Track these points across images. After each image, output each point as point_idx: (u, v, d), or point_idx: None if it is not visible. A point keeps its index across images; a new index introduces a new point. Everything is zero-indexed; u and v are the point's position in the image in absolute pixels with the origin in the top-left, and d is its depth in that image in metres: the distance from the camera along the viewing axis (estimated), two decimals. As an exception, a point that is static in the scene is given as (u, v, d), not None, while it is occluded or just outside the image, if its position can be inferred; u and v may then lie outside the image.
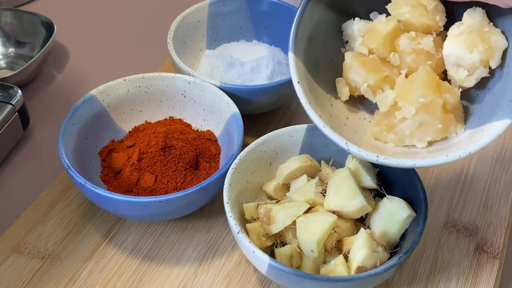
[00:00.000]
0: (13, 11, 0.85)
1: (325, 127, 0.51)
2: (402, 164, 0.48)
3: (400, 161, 0.48)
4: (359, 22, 0.55)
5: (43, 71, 0.84)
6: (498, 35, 0.49)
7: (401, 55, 0.52)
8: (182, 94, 0.69)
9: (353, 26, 0.55)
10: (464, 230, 0.64)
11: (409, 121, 0.50)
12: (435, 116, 0.49)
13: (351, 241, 0.54)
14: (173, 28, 0.74)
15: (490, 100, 0.51)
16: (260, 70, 0.73)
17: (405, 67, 0.52)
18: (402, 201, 0.56)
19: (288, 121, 0.75)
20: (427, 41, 0.51)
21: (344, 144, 0.50)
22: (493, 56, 0.49)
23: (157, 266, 0.60)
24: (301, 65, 0.53)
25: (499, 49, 0.49)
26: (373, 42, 0.53)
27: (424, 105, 0.49)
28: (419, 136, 0.51)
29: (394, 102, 0.51)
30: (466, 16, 0.50)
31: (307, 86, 0.53)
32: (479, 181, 0.68)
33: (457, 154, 0.47)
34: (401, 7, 0.52)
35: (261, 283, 0.59)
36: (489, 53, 0.48)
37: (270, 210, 0.55)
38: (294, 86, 0.52)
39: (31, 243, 0.61)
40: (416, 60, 0.51)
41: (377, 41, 0.52)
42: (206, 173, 0.63)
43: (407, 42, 0.51)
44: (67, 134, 0.62)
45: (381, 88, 0.53)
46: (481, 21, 0.49)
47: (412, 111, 0.49)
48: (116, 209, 0.58)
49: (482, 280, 0.59)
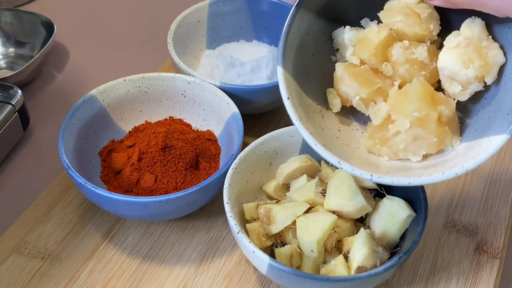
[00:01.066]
0: (13, 11, 0.85)
1: (317, 145, 0.48)
2: (397, 183, 0.46)
3: (395, 179, 0.46)
4: (350, 31, 0.52)
5: (43, 71, 0.84)
6: (496, 50, 0.47)
7: (394, 65, 0.50)
8: (182, 94, 0.69)
9: (344, 35, 0.53)
10: (464, 230, 0.64)
11: (403, 135, 0.48)
12: (430, 130, 0.47)
13: (351, 241, 0.54)
14: (173, 28, 0.74)
15: (487, 111, 0.49)
16: (260, 70, 0.73)
17: (398, 78, 0.50)
18: (402, 201, 0.56)
19: (288, 121, 0.75)
20: (421, 51, 0.49)
21: (337, 162, 0.48)
22: (489, 73, 0.47)
23: (157, 266, 0.60)
24: (290, 79, 0.51)
25: (496, 66, 0.47)
26: (364, 52, 0.51)
27: (419, 119, 0.47)
28: (414, 150, 0.49)
29: (388, 115, 0.49)
30: (465, 28, 0.48)
31: (298, 100, 0.51)
32: (479, 181, 0.68)
33: (454, 172, 0.45)
34: (394, 15, 0.50)
35: (261, 283, 0.59)
36: (485, 70, 0.47)
37: (270, 210, 0.55)
38: (284, 103, 0.50)
39: (31, 243, 0.61)
40: (410, 70, 0.49)
41: (369, 51, 0.50)
42: (206, 173, 0.63)
43: (400, 52, 0.49)
44: (67, 134, 0.62)
45: (374, 101, 0.51)
46: (479, 34, 0.47)
47: (406, 125, 0.48)
48: (116, 209, 0.58)
49: (482, 280, 0.59)
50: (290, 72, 0.51)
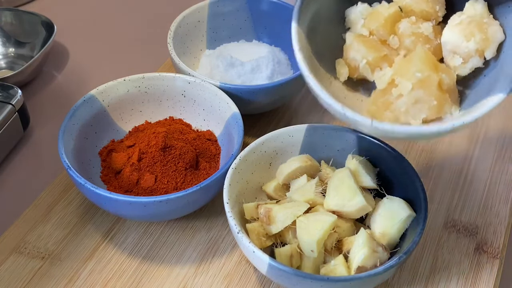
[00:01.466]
0: (13, 11, 0.85)
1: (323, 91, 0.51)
2: (397, 131, 0.48)
3: (396, 127, 0.48)
4: (362, 5, 0.56)
5: (43, 71, 0.84)
6: (496, 27, 0.51)
7: (400, 38, 0.53)
8: (182, 94, 0.69)
9: (356, 9, 0.57)
10: (464, 230, 0.64)
11: (405, 98, 0.51)
12: (431, 92, 0.50)
13: (351, 241, 0.54)
14: (173, 28, 0.74)
15: (486, 83, 0.52)
16: (260, 70, 0.73)
17: (404, 49, 0.53)
18: (402, 201, 0.56)
19: (288, 121, 0.75)
20: (426, 26, 0.53)
21: (341, 108, 0.49)
22: (489, 47, 0.50)
23: (157, 266, 0.60)
24: (303, 36, 0.53)
25: (495, 42, 0.51)
26: (374, 23, 0.54)
27: (421, 81, 0.50)
28: (414, 113, 0.51)
29: (392, 79, 0.52)
30: (468, 6, 0.52)
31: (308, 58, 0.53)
32: (479, 181, 0.68)
33: (451, 123, 0.47)
34: None
35: (261, 283, 0.59)
36: (485, 44, 0.50)
37: (270, 210, 0.55)
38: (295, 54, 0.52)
39: (31, 243, 0.61)
40: (415, 42, 0.53)
41: (378, 22, 0.54)
42: (206, 173, 0.63)
43: (407, 26, 0.53)
44: (67, 134, 0.62)
45: (380, 67, 0.54)
46: (481, 13, 0.51)
47: (409, 86, 0.50)
48: (116, 209, 0.58)
49: (482, 280, 0.59)
50: (304, 30, 0.54)
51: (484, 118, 0.75)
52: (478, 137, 0.73)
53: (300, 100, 0.78)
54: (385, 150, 0.60)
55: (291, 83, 0.68)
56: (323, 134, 0.62)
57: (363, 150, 0.61)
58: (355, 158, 0.59)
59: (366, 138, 0.61)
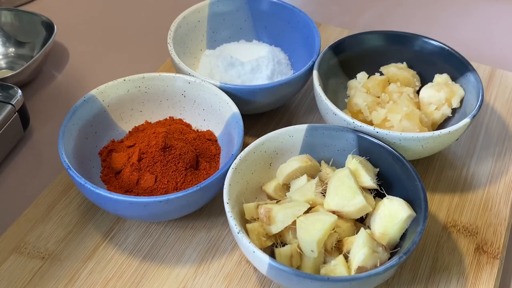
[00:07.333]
0: (13, 11, 0.85)
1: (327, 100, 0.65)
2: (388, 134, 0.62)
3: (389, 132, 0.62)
4: (361, 74, 0.73)
5: (43, 71, 0.84)
6: (457, 85, 0.70)
7: (389, 94, 0.70)
8: (182, 94, 0.69)
9: (357, 76, 0.73)
10: (464, 230, 0.64)
11: (395, 128, 0.65)
12: (415, 123, 0.65)
13: (351, 241, 0.54)
14: (173, 28, 0.74)
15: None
16: (260, 70, 0.73)
17: (392, 101, 0.69)
18: (402, 201, 0.56)
19: (288, 121, 0.75)
20: (408, 89, 0.70)
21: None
22: (454, 97, 0.69)
23: (157, 266, 0.60)
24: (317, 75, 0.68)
25: (459, 94, 0.69)
26: (370, 83, 0.71)
27: (407, 114, 0.65)
28: None
29: (385, 117, 0.66)
30: (436, 77, 0.72)
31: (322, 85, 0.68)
32: (479, 181, 0.68)
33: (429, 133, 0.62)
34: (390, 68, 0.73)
35: (261, 283, 0.59)
36: (451, 94, 0.69)
37: (270, 210, 0.55)
38: (313, 73, 0.68)
39: (31, 243, 0.61)
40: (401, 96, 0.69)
41: (374, 83, 0.71)
42: (206, 173, 0.63)
43: (394, 86, 0.71)
44: (67, 134, 0.62)
45: (375, 109, 0.68)
46: (446, 79, 0.71)
47: (398, 118, 0.65)
48: (116, 209, 0.58)
49: (482, 280, 0.59)
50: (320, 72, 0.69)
51: (484, 119, 0.76)
52: (478, 137, 0.74)
53: (300, 100, 0.78)
54: (385, 150, 0.60)
55: (291, 83, 0.68)
56: (323, 134, 0.62)
57: (363, 150, 0.62)
58: (355, 158, 0.59)
59: (366, 138, 0.61)
